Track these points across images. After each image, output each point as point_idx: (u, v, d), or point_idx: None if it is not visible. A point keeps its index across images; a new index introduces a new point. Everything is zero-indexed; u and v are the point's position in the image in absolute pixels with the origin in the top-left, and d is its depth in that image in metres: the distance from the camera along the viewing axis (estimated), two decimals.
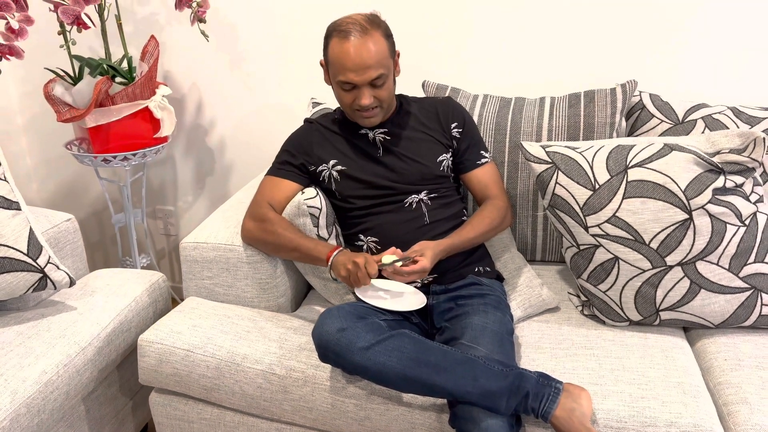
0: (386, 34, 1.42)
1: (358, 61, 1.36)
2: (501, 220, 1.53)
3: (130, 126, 1.92)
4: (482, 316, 1.35)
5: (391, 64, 1.43)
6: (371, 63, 1.37)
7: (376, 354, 1.18)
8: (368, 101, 1.40)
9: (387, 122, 1.54)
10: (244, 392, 1.38)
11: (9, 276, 1.42)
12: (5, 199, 1.45)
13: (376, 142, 1.53)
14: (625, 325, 1.50)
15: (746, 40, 1.77)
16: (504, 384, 1.15)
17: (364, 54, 1.36)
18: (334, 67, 1.41)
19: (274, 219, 1.47)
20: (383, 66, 1.39)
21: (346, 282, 1.36)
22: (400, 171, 1.50)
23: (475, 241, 1.49)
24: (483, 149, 1.59)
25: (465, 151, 1.56)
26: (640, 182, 1.42)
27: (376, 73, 1.38)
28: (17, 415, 1.25)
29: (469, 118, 1.60)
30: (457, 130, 1.55)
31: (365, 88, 1.40)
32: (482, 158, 1.58)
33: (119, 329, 1.54)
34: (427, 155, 1.52)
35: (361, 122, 1.50)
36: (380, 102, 1.44)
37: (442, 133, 1.55)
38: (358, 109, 1.44)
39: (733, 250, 1.40)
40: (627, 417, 1.21)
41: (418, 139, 1.53)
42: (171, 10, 2.04)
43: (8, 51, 1.65)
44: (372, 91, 1.41)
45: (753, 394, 1.25)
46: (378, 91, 1.42)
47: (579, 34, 1.86)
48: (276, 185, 1.52)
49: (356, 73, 1.37)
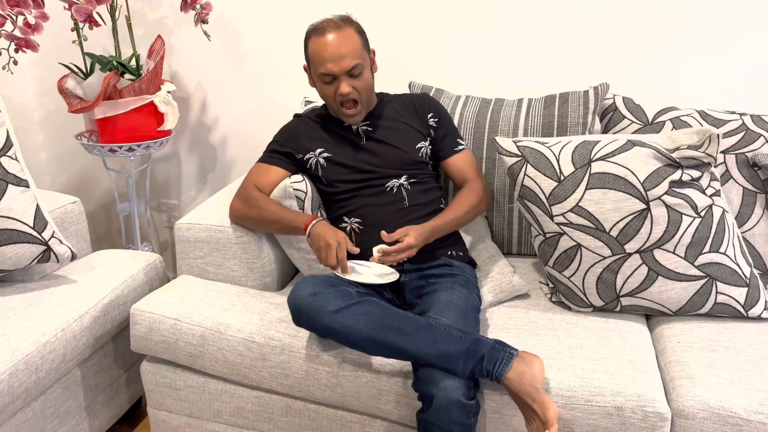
0: (359, 31, 1.57)
1: (335, 52, 1.50)
2: (479, 201, 1.63)
3: (135, 119, 2.06)
4: (449, 292, 1.44)
5: (366, 57, 1.56)
6: (346, 53, 1.50)
7: (344, 317, 1.29)
8: (347, 89, 1.53)
9: (369, 115, 1.66)
10: (226, 359, 1.48)
11: (16, 247, 1.55)
12: (16, 177, 1.57)
13: (359, 132, 1.65)
14: (590, 311, 1.59)
15: (717, 47, 1.87)
16: (461, 347, 1.25)
17: (339, 45, 1.50)
18: (314, 62, 1.55)
19: (258, 197, 1.60)
20: (358, 57, 1.52)
21: (317, 255, 1.46)
22: (382, 156, 1.61)
23: (457, 222, 1.59)
24: (459, 138, 1.71)
25: (442, 140, 1.68)
26: (603, 174, 1.51)
27: (352, 62, 1.51)
28: (16, 370, 1.36)
29: (443, 110, 1.72)
30: (433, 120, 1.67)
31: (343, 77, 1.52)
32: (459, 145, 1.70)
33: (115, 302, 1.65)
34: (406, 142, 1.64)
35: (345, 119, 1.62)
36: (359, 93, 1.56)
37: (420, 123, 1.67)
38: (341, 102, 1.56)
39: (688, 239, 1.48)
40: (577, 387, 1.29)
41: (397, 128, 1.65)
42: (179, 14, 2.18)
43: (25, 44, 1.80)
44: (350, 81, 1.53)
45: (699, 371, 1.32)
46: (355, 82, 1.54)
47: (558, 40, 1.97)
48: (264, 171, 1.64)
49: (334, 62, 1.50)
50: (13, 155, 1.59)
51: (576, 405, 1.28)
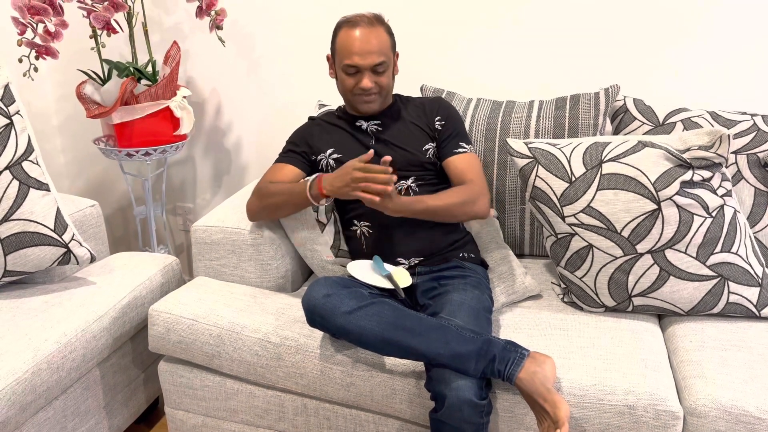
0: (389, 32, 1.62)
1: (364, 47, 1.55)
2: (469, 199, 1.56)
3: (152, 123, 2.09)
4: (461, 293, 1.46)
5: (392, 57, 1.61)
6: (375, 49, 1.55)
7: (357, 318, 1.31)
8: (370, 84, 1.58)
9: (380, 115, 1.69)
10: (242, 359, 1.51)
11: (37, 249, 1.59)
12: (37, 181, 1.61)
13: (369, 132, 1.68)
14: (601, 311, 1.60)
15: (728, 48, 1.88)
16: (473, 348, 1.26)
17: (369, 40, 1.55)
18: (341, 53, 1.58)
19: (270, 186, 1.62)
20: (385, 55, 1.57)
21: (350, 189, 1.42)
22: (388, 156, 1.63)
23: (438, 211, 1.53)
24: (464, 141, 1.69)
25: (445, 140, 1.68)
26: (614, 175, 1.52)
27: (378, 59, 1.56)
28: (38, 369, 1.40)
29: (454, 114, 1.73)
30: (440, 123, 1.69)
31: (367, 72, 1.57)
32: (461, 147, 1.67)
33: (133, 303, 1.68)
34: (414, 144, 1.65)
35: (359, 107, 1.64)
36: (380, 88, 1.60)
37: (427, 124, 1.69)
38: (359, 93, 1.60)
39: (699, 239, 1.49)
40: (589, 385, 1.31)
41: (406, 130, 1.67)
42: (194, 20, 2.22)
43: (45, 51, 1.84)
44: (373, 77, 1.58)
45: (711, 370, 1.33)
46: (379, 78, 1.59)
47: (568, 43, 1.99)
48: (279, 169, 1.67)
49: (361, 56, 1.55)
50: (35, 160, 1.63)
51: (588, 404, 1.29)
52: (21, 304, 1.58)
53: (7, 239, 1.55)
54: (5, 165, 1.56)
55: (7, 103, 1.59)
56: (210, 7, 2.06)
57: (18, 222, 1.56)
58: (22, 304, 1.58)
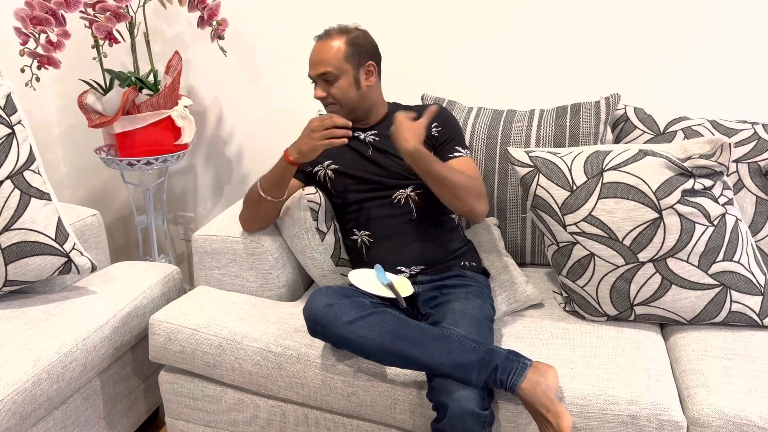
0: (352, 42, 1.59)
1: (314, 58, 1.60)
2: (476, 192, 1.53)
3: (153, 133, 2.10)
4: (463, 302, 1.46)
5: (346, 67, 1.59)
6: (320, 60, 1.58)
7: (358, 328, 1.30)
8: (321, 94, 1.61)
9: (377, 125, 1.69)
10: (243, 369, 1.50)
11: (38, 259, 1.58)
12: (38, 190, 1.61)
13: (367, 143, 1.68)
14: (603, 320, 1.59)
15: (728, 56, 1.88)
16: (475, 358, 1.26)
17: (319, 52, 1.59)
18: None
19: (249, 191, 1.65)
20: (332, 66, 1.58)
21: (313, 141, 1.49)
22: (387, 167, 1.64)
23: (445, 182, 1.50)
24: (460, 145, 1.66)
25: (441, 145, 1.66)
26: (615, 184, 1.52)
27: (322, 69, 1.58)
28: (39, 379, 1.39)
29: (451, 120, 1.71)
30: (436, 129, 1.67)
31: (319, 81, 1.61)
32: (456, 151, 1.65)
33: (134, 312, 1.68)
34: None
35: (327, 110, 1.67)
36: (335, 99, 1.61)
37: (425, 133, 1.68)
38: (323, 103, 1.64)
39: (701, 248, 1.49)
40: (591, 395, 1.30)
41: None
42: (196, 30, 2.23)
43: (47, 61, 1.85)
44: (324, 86, 1.61)
45: (714, 380, 1.33)
46: (330, 88, 1.60)
47: (569, 52, 1.99)
48: None
49: (312, 67, 1.61)
50: (36, 169, 1.63)
51: (591, 414, 1.29)
52: (22, 314, 1.58)
53: (8, 249, 1.55)
54: (7, 174, 1.56)
55: (9, 112, 1.59)
56: (211, 17, 2.07)
57: (19, 231, 1.56)
58: (23, 314, 1.58)
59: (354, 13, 2.12)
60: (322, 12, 2.18)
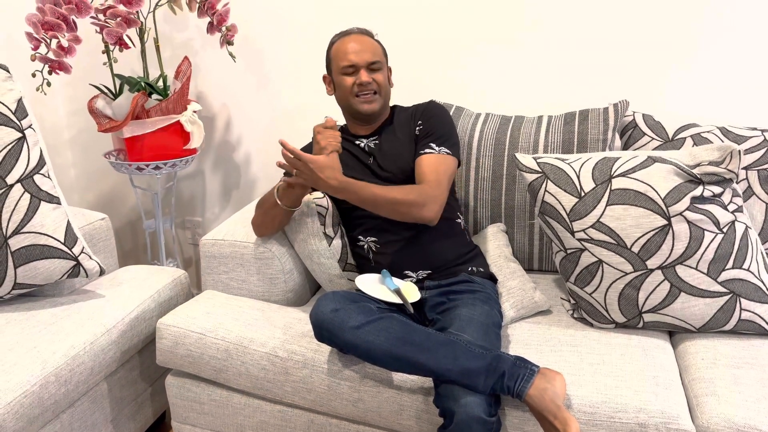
0: (379, 42, 1.68)
1: (358, 46, 1.62)
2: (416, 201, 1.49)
3: (162, 138, 2.11)
4: (470, 308, 1.45)
5: (384, 62, 1.66)
6: (369, 49, 1.62)
7: (365, 333, 1.30)
8: (368, 78, 1.61)
9: (377, 131, 1.71)
10: (249, 373, 1.50)
11: (47, 262, 1.59)
12: (48, 194, 1.62)
13: (367, 150, 1.69)
14: (612, 327, 1.59)
15: (736, 63, 1.87)
16: (482, 364, 1.25)
17: (363, 42, 1.63)
18: (337, 59, 1.64)
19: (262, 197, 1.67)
20: (378, 56, 1.63)
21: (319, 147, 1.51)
22: (387, 171, 1.64)
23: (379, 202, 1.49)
24: (436, 142, 1.61)
25: (418, 142, 1.65)
26: (623, 191, 1.52)
27: (373, 58, 1.62)
28: (46, 382, 1.40)
29: (436, 115, 1.67)
30: (418, 128, 1.67)
31: (363, 69, 1.62)
32: (429, 148, 1.60)
33: (142, 316, 1.68)
34: (406, 155, 1.65)
35: (360, 107, 1.64)
36: (378, 86, 1.63)
37: (410, 132, 1.69)
38: (358, 92, 1.63)
39: (711, 255, 1.48)
40: (599, 403, 1.29)
41: (398, 142, 1.67)
42: (205, 36, 2.25)
43: (58, 66, 1.86)
44: (370, 73, 1.62)
45: (723, 389, 1.31)
46: (375, 75, 1.62)
47: (577, 58, 1.99)
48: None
49: (357, 54, 1.61)
50: (46, 173, 1.64)
51: (599, 421, 1.28)
52: (30, 317, 1.59)
53: (18, 252, 1.56)
54: (17, 178, 1.57)
55: (20, 116, 1.60)
56: (221, 23, 2.08)
57: (29, 235, 1.57)
58: (32, 317, 1.58)
59: (364, 19, 2.12)
60: (330, 19, 2.19)
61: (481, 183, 1.87)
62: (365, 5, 2.13)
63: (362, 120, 1.69)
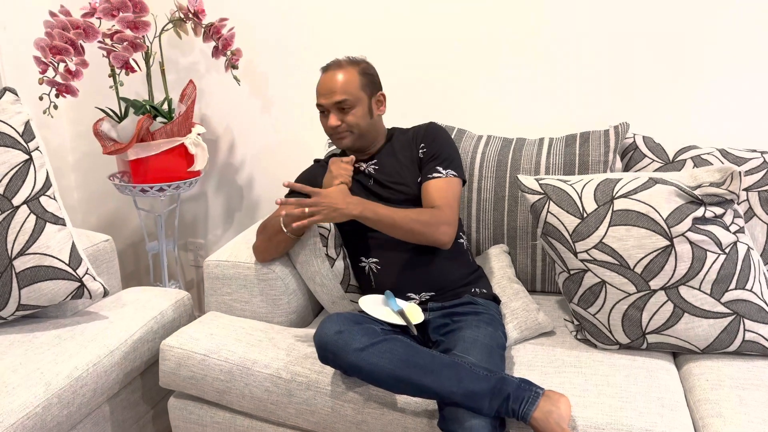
0: (363, 72, 1.65)
1: (327, 86, 1.62)
2: (431, 223, 1.53)
3: (166, 160, 2.13)
4: (474, 330, 1.45)
5: (362, 96, 1.63)
6: (336, 88, 1.61)
7: (369, 355, 1.30)
8: (335, 122, 1.63)
9: (377, 154, 1.72)
10: (252, 395, 1.50)
11: (51, 283, 1.60)
12: (54, 215, 1.63)
13: (368, 173, 1.70)
14: (615, 348, 1.58)
15: (737, 86, 1.90)
16: (486, 386, 1.25)
17: (333, 80, 1.62)
18: (315, 97, 1.67)
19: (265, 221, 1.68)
20: (349, 93, 1.61)
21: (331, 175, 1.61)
22: (387, 196, 1.65)
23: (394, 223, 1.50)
24: (443, 165, 1.63)
25: (423, 166, 1.66)
26: (625, 212, 1.53)
27: (339, 97, 1.61)
28: (49, 404, 1.39)
29: (439, 138, 1.69)
30: (422, 151, 1.68)
31: (333, 110, 1.63)
32: (436, 172, 1.62)
33: (145, 338, 1.68)
34: (407, 178, 1.66)
35: (336, 144, 1.69)
36: (349, 126, 1.63)
37: (412, 155, 1.70)
38: (331, 132, 1.66)
39: (713, 276, 1.48)
40: (604, 424, 1.28)
41: (399, 165, 1.68)
42: (210, 60, 2.27)
43: (65, 89, 1.89)
44: (339, 114, 1.63)
45: (729, 410, 1.31)
46: (345, 116, 1.63)
47: (578, 81, 2.02)
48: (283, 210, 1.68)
49: (324, 96, 1.63)
50: (52, 195, 1.66)
51: None
52: (34, 338, 1.58)
53: (23, 273, 1.56)
54: (23, 199, 1.58)
55: (27, 139, 1.62)
56: (226, 47, 2.11)
57: (34, 256, 1.57)
58: (35, 338, 1.58)
59: (366, 43, 2.16)
60: (333, 43, 2.22)
61: (483, 204, 1.88)
62: (368, 32, 2.16)
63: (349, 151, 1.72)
